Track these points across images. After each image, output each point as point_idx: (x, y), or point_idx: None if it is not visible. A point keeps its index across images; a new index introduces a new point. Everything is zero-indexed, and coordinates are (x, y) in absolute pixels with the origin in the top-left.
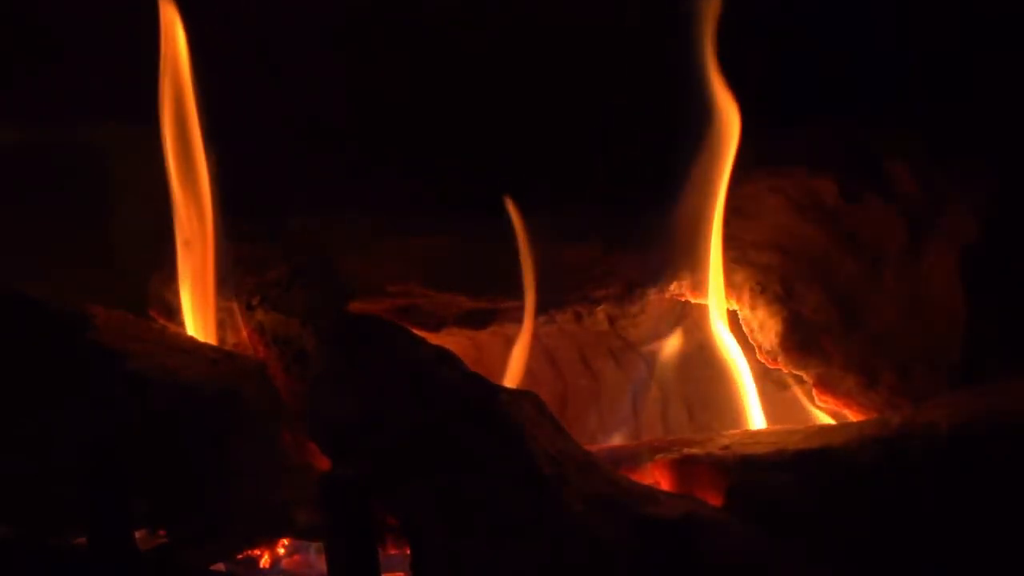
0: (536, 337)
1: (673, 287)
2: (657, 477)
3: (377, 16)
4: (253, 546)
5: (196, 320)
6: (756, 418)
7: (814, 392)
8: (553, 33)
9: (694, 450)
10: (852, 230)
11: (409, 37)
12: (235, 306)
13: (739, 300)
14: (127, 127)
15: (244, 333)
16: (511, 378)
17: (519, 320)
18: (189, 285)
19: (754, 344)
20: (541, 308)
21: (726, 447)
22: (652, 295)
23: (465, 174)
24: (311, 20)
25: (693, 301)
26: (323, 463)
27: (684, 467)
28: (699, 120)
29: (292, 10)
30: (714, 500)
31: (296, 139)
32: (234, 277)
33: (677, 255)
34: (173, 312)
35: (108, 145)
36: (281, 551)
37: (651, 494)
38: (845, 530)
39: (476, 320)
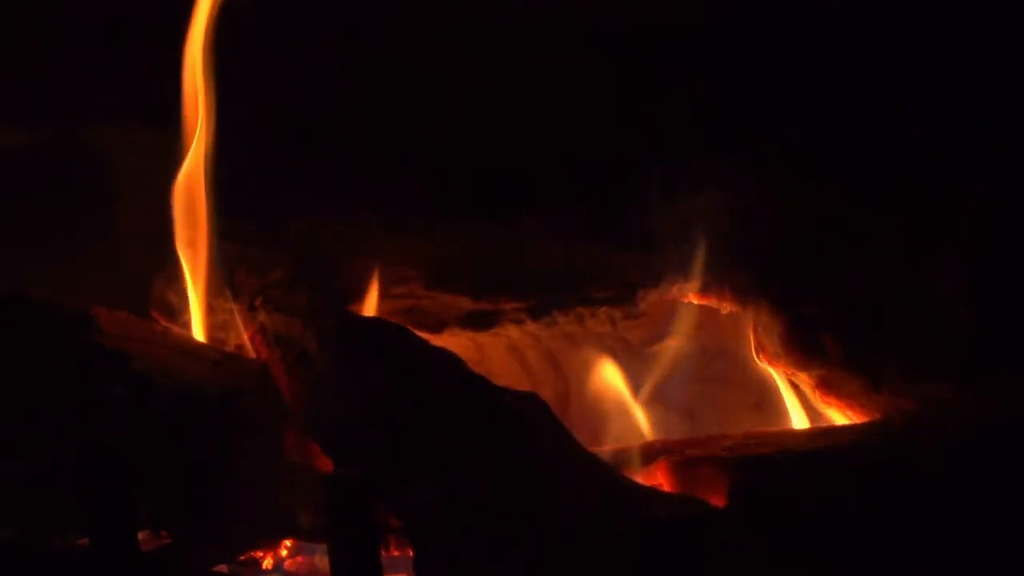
0: (538, 338)
1: (676, 289)
2: (660, 478)
3: (381, 17)
4: (255, 547)
5: (197, 321)
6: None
7: (817, 394)
8: (555, 34)
9: (697, 451)
10: (856, 231)
11: (412, 38)
12: (237, 307)
13: (742, 301)
14: (131, 128)
15: (246, 334)
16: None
17: (520, 322)
18: (190, 287)
19: (757, 346)
20: (543, 309)
21: (729, 448)
22: (654, 296)
23: (466, 175)
24: (315, 21)
25: (696, 303)
26: (325, 464)
27: (687, 468)
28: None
29: (296, 11)
30: (717, 501)
31: (298, 142)
32: (236, 278)
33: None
34: (176, 313)
35: (112, 146)
36: (284, 552)
37: (653, 495)
38: (848, 531)
39: (478, 321)
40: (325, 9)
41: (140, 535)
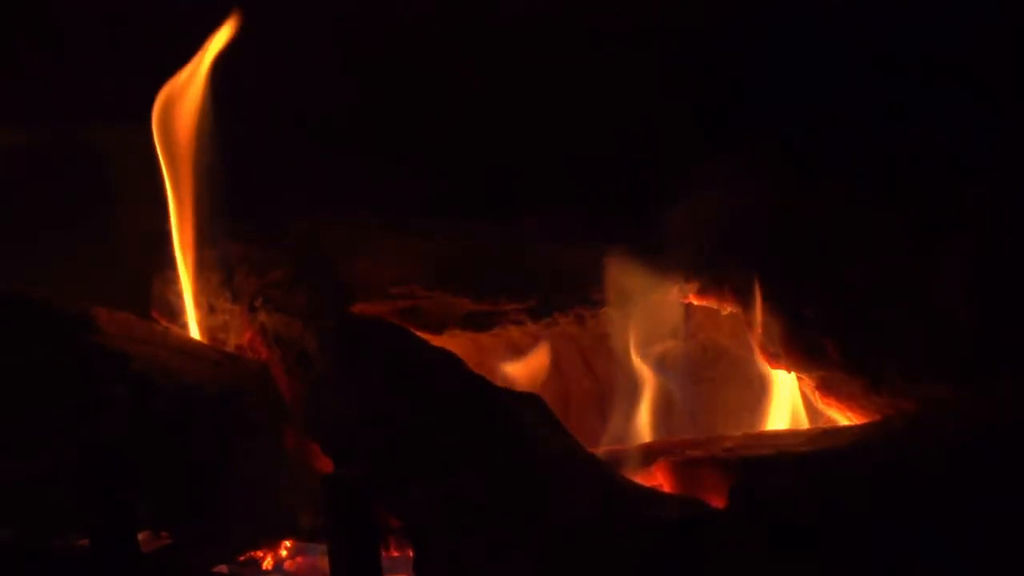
0: (538, 339)
1: (676, 289)
2: (660, 479)
3: (381, 17)
4: (256, 547)
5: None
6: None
7: (817, 394)
8: (555, 34)
9: (697, 452)
10: (856, 231)
11: (412, 38)
12: (238, 308)
13: (742, 302)
14: (132, 128)
15: (247, 335)
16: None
17: (521, 322)
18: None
19: (758, 346)
20: (543, 310)
21: (729, 449)
22: (654, 297)
23: (466, 175)
24: (315, 21)
25: (696, 303)
26: (325, 464)
27: (687, 469)
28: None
29: (297, 11)
30: (717, 502)
31: (299, 142)
32: (236, 279)
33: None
34: (176, 313)
35: (112, 146)
36: (284, 552)
37: (654, 496)
38: (848, 531)
39: (478, 322)
40: (325, 9)
41: (140, 535)
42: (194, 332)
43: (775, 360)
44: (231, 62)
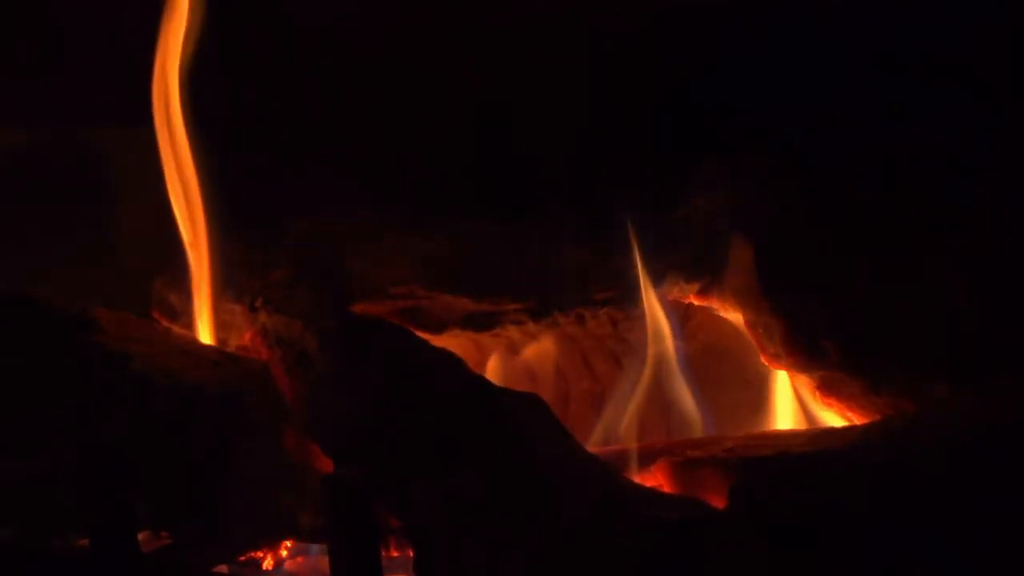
0: (538, 339)
1: (676, 289)
2: (660, 479)
3: (381, 17)
4: (256, 548)
5: (201, 322)
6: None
7: (817, 395)
8: (555, 34)
9: (697, 453)
10: (856, 231)
11: (412, 38)
12: (239, 308)
13: (742, 302)
14: (131, 129)
15: (247, 335)
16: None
17: (521, 322)
18: (195, 288)
19: (758, 347)
20: (544, 310)
21: (729, 450)
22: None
23: (466, 175)
24: (315, 21)
25: (696, 303)
26: (326, 464)
27: (687, 469)
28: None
29: (297, 11)
30: (717, 503)
31: (298, 141)
32: (237, 279)
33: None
34: (177, 314)
35: (112, 146)
36: (284, 552)
37: (654, 496)
38: (848, 531)
39: (479, 322)
40: (325, 9)
41: (140, 535)
42: (205, 335)
43: (775, 360)
44: (231, 62)
